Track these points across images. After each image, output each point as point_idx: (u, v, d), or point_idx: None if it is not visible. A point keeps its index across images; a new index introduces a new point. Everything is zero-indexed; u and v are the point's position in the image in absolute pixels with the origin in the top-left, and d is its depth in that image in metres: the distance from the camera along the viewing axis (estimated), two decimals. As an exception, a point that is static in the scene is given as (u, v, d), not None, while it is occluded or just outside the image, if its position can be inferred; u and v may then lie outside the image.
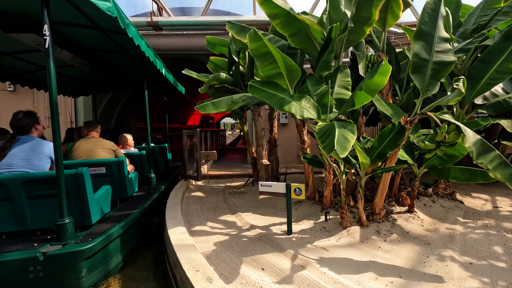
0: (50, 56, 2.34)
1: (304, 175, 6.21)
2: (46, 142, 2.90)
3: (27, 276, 2.22)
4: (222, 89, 5.14)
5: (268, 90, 3.30)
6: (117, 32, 3.45)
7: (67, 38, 3.70)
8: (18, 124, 2.80)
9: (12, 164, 2.65)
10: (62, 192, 2.38)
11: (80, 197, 2.71)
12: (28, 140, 2.80)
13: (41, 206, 2.65)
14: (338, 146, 2.23)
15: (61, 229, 2.40)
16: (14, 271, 2.20)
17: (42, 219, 2.66)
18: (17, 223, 2.62)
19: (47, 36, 2.33)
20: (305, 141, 4.11)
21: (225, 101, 3.59)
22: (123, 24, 2.66)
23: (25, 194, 2.58)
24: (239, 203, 4.66)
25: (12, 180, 2.51)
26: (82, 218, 2.78)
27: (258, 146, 5.72)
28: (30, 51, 4.05)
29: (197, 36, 9.09)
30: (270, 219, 3.81)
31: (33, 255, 2.22)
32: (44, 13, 2.31)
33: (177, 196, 4.83)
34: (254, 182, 5.76)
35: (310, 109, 3.30)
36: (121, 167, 3.69)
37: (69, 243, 2.40)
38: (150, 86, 6.61)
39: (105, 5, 2.33)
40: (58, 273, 2.31)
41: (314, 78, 3.78)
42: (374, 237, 3.05)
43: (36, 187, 2.60)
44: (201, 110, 3.52)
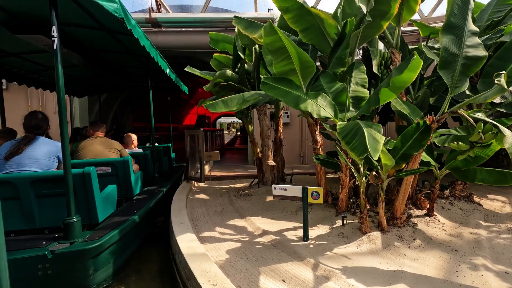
0: (58, 57, 2.35)
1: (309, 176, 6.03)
2: (54, 141, 2.90)
3: (36, 273, 2.23)
4: (227, 87, 4.93)
5: (282, 88, 3.10)
6: (122, 33, 3.43)
7: (72, 39, 3.71)
8: (38, 124, 2.83)
9: (20, 163, 2.67)
10: (70, 191, 2.39)
11: (87, 196, 2.72)
12: (37, 140, 2.81)
13: (48, 205, 2.66)
14: (370, 148, 2.04)
15: (68, 227, 2.41)
16: (23, 269, 2.22)
17: (50, 218, 2.68)
18: (25, 221, 2.64)
19: (55, 37, 2.33)
20: (318, 141, 3.92)
21: (235, 99, 3.39)
22: (129, 25, 2.65)
23: (34, 193, 2.60)
24: (246, 206, 4.46)
25: (21, 179, 2.53)
26: (89, 217, 2.79)
27: (263, 147, 5.52)
28: (37, 52, 4.04)
29: (197, 34, 8.87)
30: (282, 224, 3.61)
31: (42, 253, 2.24)
32: (53, 15, 2.32)
33: (181, 199, 4.61)
34: (259, 183, 5.56)
35: (327, 107, 3.11)
36: (127, 166, 3.70)
37: (77, 242, 2.41)
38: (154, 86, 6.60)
39: (112, 7, 2.33)
40: (66, 271, 2.33)
41: (328, 75, 3.60)
42: (397, 244, 2.87)
43: (44, 186, 2.61)
44: (210, 109, 3.31)
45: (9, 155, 2.68)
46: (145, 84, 6.41)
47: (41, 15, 2.97)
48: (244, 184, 6.32)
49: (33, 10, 2.89)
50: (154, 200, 3.90)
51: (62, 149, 2.42)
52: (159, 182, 4.96)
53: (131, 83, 6.76)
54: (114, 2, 2.34)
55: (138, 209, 3.38)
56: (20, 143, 2.74)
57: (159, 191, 4.35)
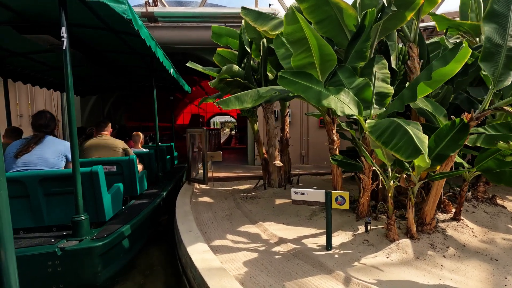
0: (68, 57, 2.36)
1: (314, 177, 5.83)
2: (61, 141, 2.93)
3: (45, 270, 2.26)
4: (233, 83, 4.64)
5: (302, 82, 2.83)
6: (128, 33, 3.42)
7: (77, 39, 3.71)
8: (47, 124, 2.85)
9: (30, 162, 2.69)
10: (78, 190, 2.41)
11: (94, 194, 2.74)
12: (46, 139, 2.83)
13: (57, 203, 2.69)
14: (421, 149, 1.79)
15: (77, 225, 2.43)
16: (33, 265, 2.26)
17: (58, 216, 2.70)
18: (33, 219, 2.66)
19: (65, 38, 2.34)
20: (335, 141, 3.66)
21: (250, 95, 3.10)
22: (136, 26, 2.66)
23: (42, 191, 2.62)
24: (255, 210, 4.18)
25: (30, 177, 2.55)
26: (97, 215, 2.81)
27: (270, 146, 5.25)
28: (42, 52, 4.05)
29: (195, 29, 8.56)
30: (298, 230, 3.35)
31: (52, 250, 2.27)
32: (62, 16, 2.33)
33: (185, 203, 4.30)
34: (265, 185, 5.28)
35: (350, 104, 2.86)
36: (132, 166, 3.73)
37: (85, 239, 2.43)
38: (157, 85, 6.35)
39: (121, 8, 2.32)
40: (75, 268, 2.36)
41: (347, 70, 3.34)
42: (430, 252, 2.63)
43: (53, 184, 2.64)
44: (223, 106, 3.02)
45: (19, 153, 2.70)
46: (147, 83, 6.47)
47: (48, 16, 2.98)
48: (248, 185, 6.03)
49: (40, 10, 2.90)
50: (158, 199, 3.91)
51: (71, 149, 2.43)
52: (162, 181, 4.93)
53: (134, 83, 6.74)
54: (122, 3, 2.32)
55: (144, 208, 3.40)
56: (29, 142, 2.76)
57: (163, 190, 4.35)
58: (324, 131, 9.38)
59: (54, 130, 2.96)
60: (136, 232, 3.06)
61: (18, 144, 2.76)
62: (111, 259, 2.61)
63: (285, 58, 3.64)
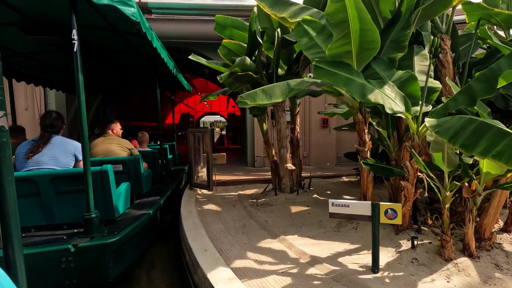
0: (78, 59, 2.40)
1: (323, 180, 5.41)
2: (71, 140, 2.97)
3: (59, 266, 2.32)
4: (243, 78, 4.16)
5: (342, 73, 2.39)
6: (133, 34, 3.41)
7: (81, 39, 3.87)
8: (52, 124, 2.88)
9: (40, 161, 2.75)
10: (89, 188, 2.45)
11: (104, 192, 2.79)
12: (55, 139, 2.88)
13: (67, 201, 2.73)
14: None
15: (88, 222, 2.46)
16: (47, 262, 2.31)
17: (68, 214, 2.74)
18: (45, 217, 2.71)
19: (76, 40, 2.37)
20: (366, 142, 3.24)
21: (279, 88, 2.63)
22: (144, 28, 2.67)
23: (53, 190, 2.66)
24: (271, 220, 3.72)
25: (42, 176, 2.60)
26: (106, 212, 2.84)
27: (281, 148, 4.79)
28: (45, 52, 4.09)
29: (191, 22, 8.04)
30: (329, 245, 2.91)
31: (65, 247, 2.31)
32: (73, 18, 2.36)
33: (192, 213, 3.80)
34: (276, 190, 4.82)
35: (396, 99, 2.44)
36: (138, 165, 3.79)
37: (97, 236, 2.46)
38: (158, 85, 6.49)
39: (130, 11, 2.33)
40: (88, 264, 2.41)
41: (383, 61, 2.93)
42: (498, 275, 2.23)
43: (63, 183, 2.68)
44: (249, 101, 2.54)
45: (29, 154, 2.74)
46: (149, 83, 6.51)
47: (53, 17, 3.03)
48: (254, 190, 5.57)
49: (46, 11, 2.93)
50: (164, 197, 3.96)
51: (82, 148, 2.45)
52: (166, 180, 4.99)
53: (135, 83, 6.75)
54: (131, 6, 2.32)
55: (151, 206, 3.43)
56: (38, 142, 2.80)
57: (168, 189, 4.40)
58: (326, 131, 9.06)
59: (61, 129, 2.98)
60: (145, 229, 3.14)
61: (27, 145, 2.81)
62: (122, 255, 2.68)
63: (311, 48, 3.20)
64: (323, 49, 3.17)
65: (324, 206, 4.23)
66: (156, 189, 4.34)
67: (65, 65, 4.74)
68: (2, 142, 1.23)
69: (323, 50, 3.17)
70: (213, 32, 8.11)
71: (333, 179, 6.44)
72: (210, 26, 8.07)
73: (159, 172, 4.89)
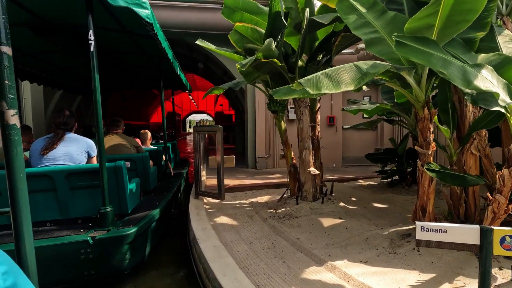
0: (94, 59, 2.49)
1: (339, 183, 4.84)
2: (84, 138, 3.04)
3: (78, 257, 2.42)
4: (264, 66, 3.50)
5: (434, 52, 1.77)
6: (142, 35, 3.45)
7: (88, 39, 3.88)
8: (65, 121, 2.96)
9: (55, 158, 2.82)
10: (105, 183, 2.54)
11: (118, 188, 2.84)
12: (68, 136, 2.96)
13: (81, 196, 2.79)
14: None
15: (104, 216, 2.55)
16: (68, 253, 2.40)
17: (82, 209, 2.80)
18: (60, 212, 2.77)
19: (92, 41, 2.46)
20: (430, 144, 2.63)
21: (347, 73, 1.97)
22: (156, 29, 2.71)
23: (68, 185, 2.71)
24: (304, 238, 3.08)
25: (58, 172, 2.66)
26: (120, 207, 2.90)
27: (303, 149, 4.16)
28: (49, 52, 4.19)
29: (188, 10, 7.28)
30: (395, 275, 2.29)
31: (84, 239, 2.41)
32: (89, 19, 2.44)
33: (207, 231, 3.10)
34: (298, 198, 4.17)
35: (499, 87, 1.84)
36: (145, 162, 3.89)
37: (112, 229, 2.55)
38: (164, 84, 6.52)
39: (145, 13, 2.36)
40: (105, 255, 2.52)
41: (457, 43, 2.34)
42: None
43: (78, 179, 2.74)
44: (312, 89, 1.87)
45: (45, 150, 2.81)
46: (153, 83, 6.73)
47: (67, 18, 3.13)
48: (267, 197, 4.91)
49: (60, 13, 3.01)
50: (171, 193, 4.09)
51: (98, 145, 2.56)
52: (170, 177, 5.11)
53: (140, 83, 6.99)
54: (146, 8, 2.36)
55: (160, 201, 3.56)
56: (53, 139, 2.88)
57: (173, 186, 4.52)
58: (332, 130, 8.49)
59: (74, 127, 3.05)
60: (157, 222, 3.27)
61: (42, 141, 2.89)
62: (138, 247, 2.79)
63: (361, 27, 2.57)
64: (377, 28, 2.56)
65: (359, 218, 3.64)
66: (162, 186, 4.46)
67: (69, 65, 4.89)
68: (14, 140, 1.28)
69: (377, 29, 2.56)
70: (213, 21, 7.45)
71: (349, 182, 5.87)
72: (210, 14, 7.41)
73: (163, 170, 4.98)
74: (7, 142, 1.26)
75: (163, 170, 4.97)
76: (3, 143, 1.27)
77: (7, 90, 1.27)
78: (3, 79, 1.26)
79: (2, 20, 1.25)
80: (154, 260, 3.30)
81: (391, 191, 4.87)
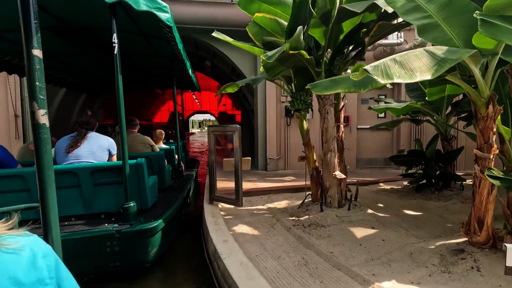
0: (118, 61, 2.60)
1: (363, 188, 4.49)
2: (105, 137, 3.21)
3: (105, 250, 2.55)
4: (291, 59, 3.16)
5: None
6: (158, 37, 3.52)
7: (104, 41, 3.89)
8: (88, 121, 3.10)
9: (79, 155, 2.96)
10: (127, 180, 2.65)
11: (139, 184, 2.94)
12: (91, 135, 3.10)
13: (104, 192, 2.89)
14: None
15: (127, 211, 2.65)
16: (95, 245, 2.55)
17: (105, 204, 2.91)
18: (84, 207, 2.87)
19: (116, 43, 2.56)
20: (492, 147, 2.27)
21: (421, 60, 1.64)
22: (174, 32, 2.79)
23: (92, 181, 2.82)
24: (337, 252, 2.73)
25: (82, 169, 2.78)
26: (141, 202, 2.98)
27: (328, 151, 3.81)
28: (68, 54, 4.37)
29: (195, 5, 6.98)
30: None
31: (110, 232, 2.52)
32: (113, 23, 2.54)
33: (229, 243, 2.76)
34: (322, 205, 3.82)
35: None
36: (161, 160, 3.98)
37: (135, 223, 2.64)
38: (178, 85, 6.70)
39: (165, 16, 2.43)
40: (129, 248, 2.65)
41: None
42: None
43: (102, 175, 2.85)
44: (381, 77, 1.52)
45: (70, 148, 2.95)
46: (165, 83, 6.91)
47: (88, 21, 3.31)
48: (285, 202, 4.57)
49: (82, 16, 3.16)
50: (185, 190, 4.22)
51: (121, 143, 2.66)
52: (182, 175, 5.26)
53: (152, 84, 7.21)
54: (166, 12, 2.43)
55: (177, 197, 3.68)
56: (77, 138, 3.02)
57: (187, 183, 4.66)
58: (346, 131, 8.10)
59: (95, 126, 3.19)
60: (176, 217, 3.40)
61: (67, 140, 3.01)
62: (159, 241, 2.87)
63: (412, 11, 2.22)
64: (430, 12, 2.21)
65: (394, 227, 3.29)
66: (176, 184, 4.62)
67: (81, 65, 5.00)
68: (43, 138, 1.32)
69: (430, 14, 2.21)
70: (223, 16, 7.11)
71: (370, 186, 5.52)
72: (219, 9, 7.08)
73: (176, 168, 5.13)
74: (37, 140, 1.31)
75: (176, 169, 5.09)
76: (34, 141, 1.32)
77: (38, 91, 1.31)
78: (34, 81, 1.30)
79: (34, 25, 1.29)
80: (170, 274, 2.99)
81: (419, 197, 4.51)
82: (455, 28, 2.12)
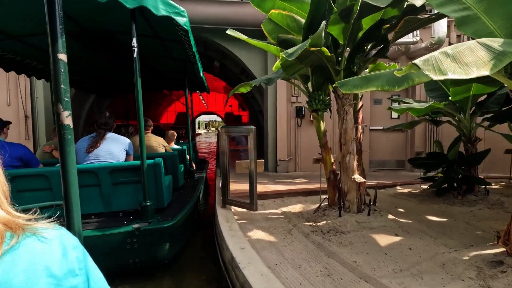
0: (137, 63, 2.69)
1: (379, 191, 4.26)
2: (123, 137, 3.32)
3: (125, 246, 2.66)
4: (309, 57, 3.01)
5: None
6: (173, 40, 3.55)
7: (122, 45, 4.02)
8: (106, 122, 3.20)
9: (99, 155, 3.05)
10: (145, 179, 2.74)
11: (156, 183, 3.04)
12: (109, 135, 3.20)
13: (122, 191, 2.97)
14: None
15: (145, 209, 2.77)
16: (116, 242, 2.65)
17: (123, 203, 2.99)
18: (103, 205, 2.96)
19: (135, 47, 2.65)
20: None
21: (476, 54, 1.46)
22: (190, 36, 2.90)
23: (111, 181, 2.91)
24: (362, 261, 2.56)
25: (102, 169, 2.87)
26: (157, 201, 3.08)
27: (347, 154, 3.64)
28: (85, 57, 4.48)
29: (205, 4, 6.88)
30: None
31: (130, 229, 2.65)
32: (133, 28, 2.63)
33: (246, 251, 2.61)
34: (340, 210, 3.65)
35: None
36: (175, 160, 4.08)
37: (153, 221, 2.77)
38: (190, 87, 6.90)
39: (183, 20, 2.49)
40: (148, 245, 2.75)
41: None
42: None
43: (120, 175, 2.93)
44: (433, 72, 1.34)
45: (90, 148, 3.04)
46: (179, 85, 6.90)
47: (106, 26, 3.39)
48: (299, 206, 4.41)
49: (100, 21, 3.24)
50: (198, 191, 4.32)
51: (140, 143, 2.76)
52: (194, 175, 5.39)
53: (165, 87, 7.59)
54: (184, 16, 2.49)
55: (190, 197, 3.78)
56: (96, 138, 3.11)
57: (199, 183, 4.79)
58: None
59: (113, 127, 3.27)
60: (191, 216, 3.52)
61: (87, 140, 3.11)
62: (176, 238, 3.03)
63: (449, 3, 2.05)
64: (468, 4, 2.03)
65: (420, 235, 3.12)
66: (189, 183, 4.73)
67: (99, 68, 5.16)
68: (67, 139, 1.35)
69: (468, 6, 2.03)
70: (234, 15, 6.97)
71: (387, 189, 5.32)
72: (230, 9, 6.96)
73: (188, 168, 5.25)
74: (62, 141, 1.34)
75: (188, 169, 5.22)
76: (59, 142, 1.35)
77: (63, 94, 1.34)
78: (59, 84, 1.33)
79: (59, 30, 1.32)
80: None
81: (441, 201, 4.30)
82: (497, 20, 1.94)
